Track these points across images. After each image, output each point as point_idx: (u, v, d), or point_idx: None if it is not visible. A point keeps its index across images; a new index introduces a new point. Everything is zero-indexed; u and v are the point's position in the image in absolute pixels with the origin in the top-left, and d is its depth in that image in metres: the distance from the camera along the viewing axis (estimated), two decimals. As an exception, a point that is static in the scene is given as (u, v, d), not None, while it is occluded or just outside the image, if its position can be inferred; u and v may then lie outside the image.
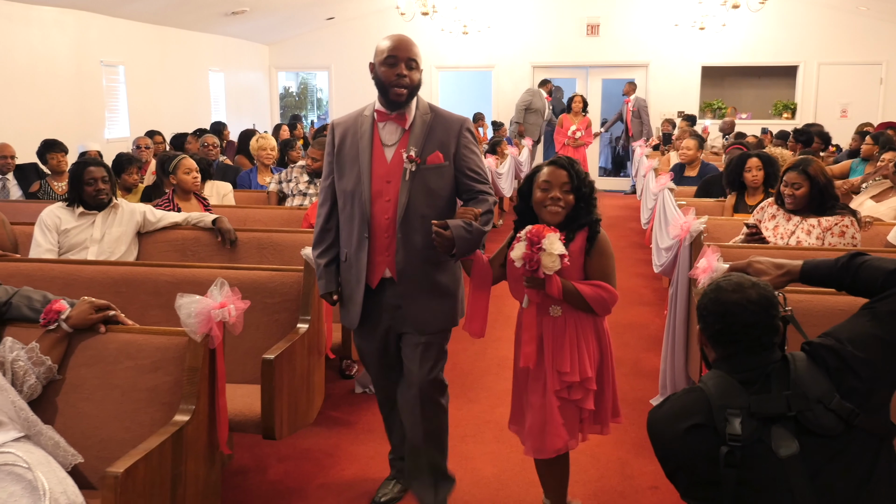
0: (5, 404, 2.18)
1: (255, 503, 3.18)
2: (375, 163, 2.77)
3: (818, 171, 3.71)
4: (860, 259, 1.88)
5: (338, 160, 2.84)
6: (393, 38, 2.75)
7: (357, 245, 2.79)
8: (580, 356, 2.59)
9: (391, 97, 2.71)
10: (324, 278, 2.91)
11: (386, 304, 2.84)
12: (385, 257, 2.78)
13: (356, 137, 2.81)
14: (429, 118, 2.79)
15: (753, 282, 1.83)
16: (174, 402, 2.40)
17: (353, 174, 2.78)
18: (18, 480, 1.99)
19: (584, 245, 2.62)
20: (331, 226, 2.90)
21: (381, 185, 2.75)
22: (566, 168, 2.64)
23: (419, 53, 2.77)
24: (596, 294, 2.57)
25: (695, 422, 1.74)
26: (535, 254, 2.44)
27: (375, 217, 2.76)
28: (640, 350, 4.96)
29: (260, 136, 6.56)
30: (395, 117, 2.77)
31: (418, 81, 2.76)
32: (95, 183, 3.99)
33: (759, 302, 1.77)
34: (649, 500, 3.19)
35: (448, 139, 2.78)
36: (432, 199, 2.75)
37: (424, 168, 2.73)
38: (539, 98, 12.37)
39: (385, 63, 2.71)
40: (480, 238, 2.69)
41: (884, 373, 1.71)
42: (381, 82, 2.73)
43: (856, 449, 1.65)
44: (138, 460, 2.05)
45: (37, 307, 2.57)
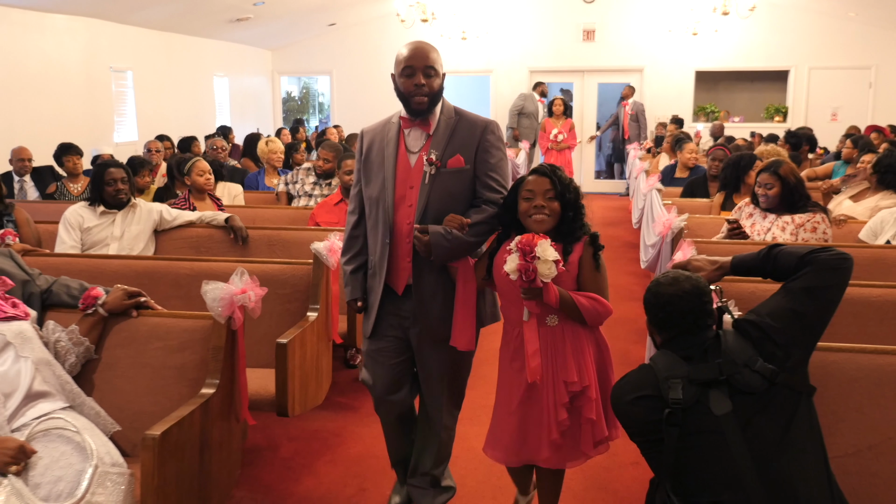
0: (52, 378, 2.46)
1: (269, 477, 3.47)
2: (400, 169, 2.76)
3: (788, 171, 3.99)
4: (777, 249, 2.18)
5: (365, 167, 2.85)
6: (409, 47, 2.75)
7: (380, 252, 2.78)
8: (585, 364, 2.55)
9: (413, 106, 2.72)
10: (349, 285, 2.92)
11: (408, 311, 2.82)
12: (407, 263, 2.76)
13: (382, 144, 2.81)
14: (453, 122, 2.77)
15: (686, 275, 2.16)
16: (199, 378, 2.67)
17: (379, 180, 2.78)
18: (68, 442, 2.26)
19: (583, 258, 2.58)
20: (358, 233, 2.91)
21: (404, 190, 2.75)
22: (548, 175, 2.60)
23: (437, 59, 2.76)
24: (591, 305, 2.53)
25: (645, 393, 2.08)
26: (530, 263, 2.38)
27: (398, 223, 2.75)
28: (629, 342, 5.25)
29: (269, 140, 6.84)
30: (419, 123, 2.77)
31: (439, 87, 2.75)
32: (115, 183, 4.27)
33: (691, 292, 2.10)
34: (630, 474, 3.47)
35: (470, 142, 2.75)
36: (452, 203, 2.70)
37: (445, 171, 2.71)
38: (531, 101, 12.63)
39: (403, 74, 2.71)
40: (463, 248, 2.66)
41: (796, 338, 2.02)
42: (401, 93, 2.74)
43: (778, 402, 1.96)
44: (172, 425, 2.33)
45: (74, 294, 2.84)
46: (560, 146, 10.43)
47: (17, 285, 2.72)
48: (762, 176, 4.09)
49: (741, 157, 5.24)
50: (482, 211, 2.72)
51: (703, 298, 2.10)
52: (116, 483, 2.20)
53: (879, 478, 2.33)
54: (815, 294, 2.05)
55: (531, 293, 2.45)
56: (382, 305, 2.83)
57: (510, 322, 2.70)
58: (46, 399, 2.40)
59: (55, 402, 2.42)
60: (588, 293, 2.54)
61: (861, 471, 2.33)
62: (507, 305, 2.68)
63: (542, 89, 12.85)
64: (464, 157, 2.73)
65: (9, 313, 2.48)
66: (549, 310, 2.52)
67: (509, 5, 13.36)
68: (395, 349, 2.88)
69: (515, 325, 2.64)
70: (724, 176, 5.31)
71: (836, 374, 2.38)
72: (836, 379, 2.38)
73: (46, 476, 2.15)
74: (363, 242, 2.90)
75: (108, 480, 2.19)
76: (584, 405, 2.54)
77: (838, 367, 2.39)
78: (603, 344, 2.67)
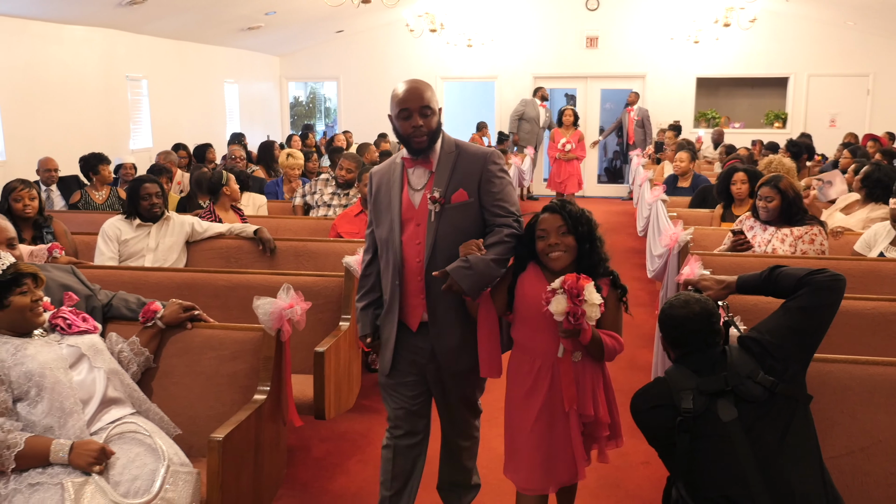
0: (121, 386, 2.71)
1: (304, 475, 3.72)
2: (405, 208, 2.78)
3: (787, 186, 4.25)
4: (778, 270, 2.44)
5: (374, 209, 2.88)
6: (404, 88, 2.73)
7: (391, 291, 2.81)
8: (598, 395, 2.64)
9: (413, 146, 2.74)
10: (360, 321, 2.96)
11: (424, 348, 2.84)
12: (420, 300, 2.79)
13: (389, 185, 2.84)
14: (453, 156, 2.78)
15: (697, 298, 2.41)
16: (250, 385, 2.92)
17: (387, 221, 2.80)
18: (141, 444, 2.51)
19: (608, 298, 2.60)
20: (370, 271, 2.94)
21: (411, 228, 2.77)
22: (558, 211, 2.63)
23: (433, 97, 2.75)
24: (612, 344, 2.60)
25: (660, 402, 2.34)
26: (579, 306, 2.40)
27: (408, 262, 2.77)
28: (635, 347, 5.50)
29: (290, 153, 7.06)
30: (421, 161, 2.79)
31: (437, 125, 2.76)
32: (150, 198, 4.52)
33: (701, 314, 2.35)
34: (641, 473, 3.73)
35: (472, 175, 2.76)
36: (461, 238, 2.70)
37: (450, 207, 2.73)
38: (532, 107, 12.87)
39: (400, 116, 2.72)
40: (489, 269, 2.63)
41: (793, 353, 2.29)
42: (400, 135, 2.77)
43: (778, 409, 2.22)
44: (233, 429, 2.58)
45: (133, 308, 3.09)
46: (568, 156, 10.37)
47: (80, 300, 2.96)
48: (763, 189, 4.34)
49: (729, 170, 5.55)
50: (496, 233, 2.72)
51: (712, 319, 2.35)
52: (186, 481, 2.45)
53: (871, 476, 2.58)
54: (810, 313, 2.31)
55: (572, 333, 2.49)
56: (398, 342, 2.86)
57: (529, 353, 2.70)
58: (118, 405, 2.66)
59: (125, 407, 2.68)
60: (608, 332, 2.61)
61: (854, 470, 2.59)
62: (530, 337, 2.68)
63: (543, 93, 13.08)
64: (467, 191, 2.75)
65: (81, 327, 2.72)
66: (577, 346, 2.58)
67: (514, 13, 13.63)
68: (412, 385, 2.91)
69: (535, 356, 2.67)
70: (718, 189, 5.62)
71: (831, 383, 2.63)
72: (831, 387, 2.63)
73: (125, 475, 2.39)
74: (374, 280, 2.92)
75: (179, 479, 2.44)
76: (597, 429, 2.67)
77: (833, 377, 2.64)
78: (609, 378, 2.76)
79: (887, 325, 3.42)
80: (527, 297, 2.65)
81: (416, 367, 2.89)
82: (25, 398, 2.49)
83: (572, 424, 2.62)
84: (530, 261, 2.70)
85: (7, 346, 2.52)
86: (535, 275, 2.68)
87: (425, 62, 13.82)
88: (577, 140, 10.30)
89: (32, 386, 2.48)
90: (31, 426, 2.46)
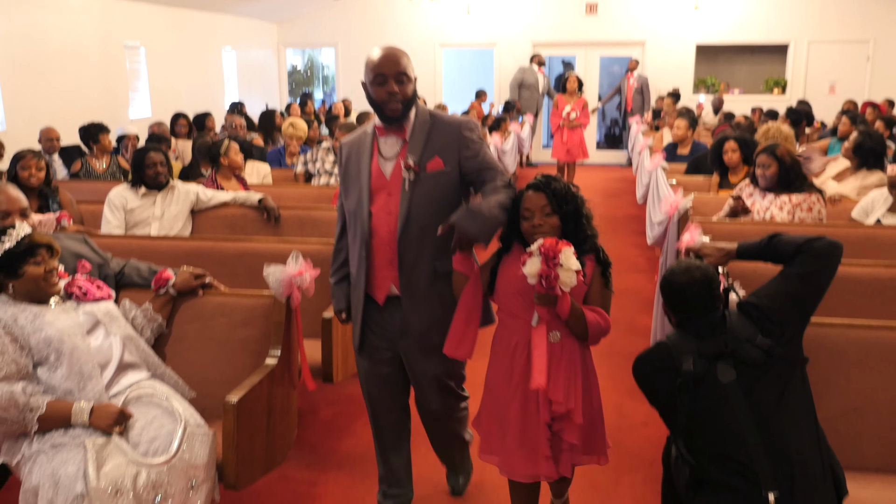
0: (136, 351, 2.78)
1: (313, 437, 3.82)
2: (374, 177, 2.71)
3: (784, 152, 4.30)
4: (777, 238, 2.50)
5: (344, 180, 2.82)
6: (379, 54, 2.65)
7: (358, 263, 2.76)
8: (574, 386, 2.51)
9: (387, 114, 2.66)
10: (334, 296, 2.94)
11: (393, 323, 2.79)
12: (389, 272, 2.73)
13: (358, 155, 2.77)
14: (428, 125, 2.71)
15: (698, 265, 2.47)
16: (261, 350, 3.00)
17: (356, 192, 2.74)
18: (158, 406, 2.59)
19: (594, 274, 2.54)
20: (342, 245, 2.90)
21: (381, 198, 2.70)
22: (542, 189, 2.52)
23: (409, 64, 2.66)
24: (596, 321, 2.48)
25: (661, 365, 2.40)
26: (552, 269, 2.31)
27: (377, 232, 2.70)
28: (635, 312, 5.59)
29: (291, 121, 7.08)
30: (394, 130, 2.71)
31: (412, 93, 2.68)
32: (155, 166, 4.56)
33: (702, 280, 2.40)
34: (640, 433, 3.83)
35: (448, 145, 2.69)
36: (435, 208, 2.65)
37: (425, 176, 2.66)
38: (530, 73, 12.83)
39: (375, 82, 2.64)
40: (494, 211, 2.51)
41: (790, 317, 2.35)
42: (374, 101, 2.68)
43: (775, 371, 2.29)
44: (246, 392, 2.66)
45: (144, 275, 3.16)
46: (572, 124, 10.10)
47: (94, 268, 3.03)
48: (760, 157, 4.40)
49: (720, 139, 5.61)
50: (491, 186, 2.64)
51: (712, 285, 2.41)
52: (202, 442, 2.53)
53: (864, 435, 2.68)
54: (808, 279, 2.39)
55: (546, 300, 2.40)
56: (366, 318, 2.82)
57: (509, 329, 2.61)
58: (134, 369, 2.74)
59: (141, 372, 2.76)
60: (594, 307, 2.52)
61: (848, 429, 2.68)
62: (510, 313, 2.60)
63: (539, 59, 13.00)
64: (443, 160, 2.67)
65: (96, 295, 2.79)
66: (556, 323, 2.49)
67: (513, -21, 13.54)
68: (387, 361, 2.87)
69: (514, 332, 2.58)
70: (711, 158, 5.68)
71: (827, 346, 2.71)
72: (827, 350, 2.71)
73: (143, 436, 2.48)
74: (347, 254, 2.88)
75: (196, 439, 2.52)
76: (567, 429, 2.51)
77: (830, 340, 2.72)
78: (592, 370, 2.62)
79: (883, 290, 3.49)
80: (508, 275, 2.58)
81: (387, 343, 2.83)
82: (45, 363, 2.56)
83: (541, 410, 2.49)
84: (515, 242, 2.62)
85: (26, 314, 2.59)
86: (518, 254, 2.56)
87: (424, 29, 13.75)
88: (581, 107, 10.10)
89: (52, 351, 2.55)
90: (51, 390, 2.54)
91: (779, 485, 2.16)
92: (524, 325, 2.55)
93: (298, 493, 3.37)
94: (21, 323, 2.56)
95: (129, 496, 2.34)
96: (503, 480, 2.79)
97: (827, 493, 2.21)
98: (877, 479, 2.58)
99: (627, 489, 3.39)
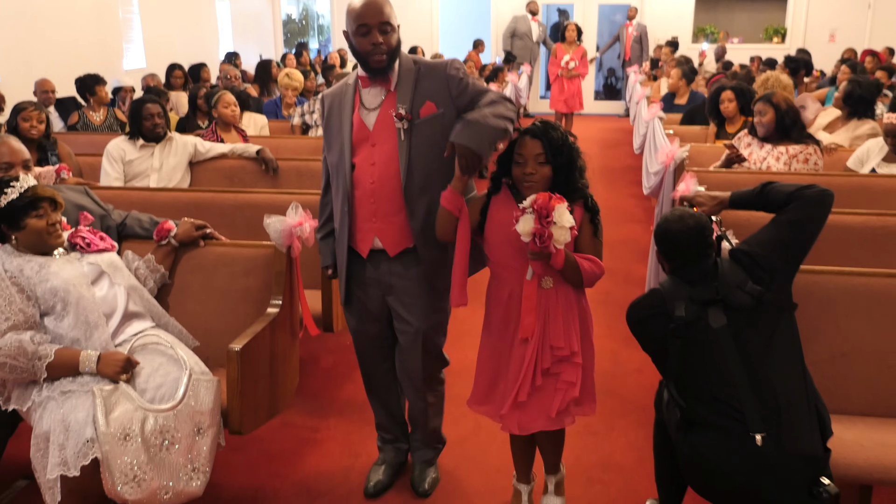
0: (140, 301, 2.84)
1: (314, 384, 3.91)
2: (356, 129, 2.68)
3: (780, 100, 4.30)
4: (770, 186, 2.54)
5: (326, 133, 2.80)
6: (361, 3, 2.58)
7: (341, 217, 2.75)
8: (571, 329, 2.54)
9: (372, 65, 2.60)
10: (322, 252, 2.93)
11: (379, 277, 2.78)
12: (373, 224, 2.70)
13: (340, 107, 2.72)
14: (413, 72, 2.66)
15: (690, 213, 2.51)
16: (263, 299, 3.05)
17: (337, 145, 2.72)
18: (163, 354, 2.65)
19: (583, 221, 2.53)
20: (327, 199, 2.89)
21: (364, 149, 2.67)
22: (539, 137, 2.49)
23: (392, 13, 2.61)
24: (590, 268, 2.49)
25: (654, 311, 2.45)
26: (546, 228, 2.31)
27: (360, 183, 2.68)
28: (631, 262, 5.66)
29: (288, 72, 7.04)
30: (379, 81, 2.65)
31: (397, 43, 2.62)
32: (153, 118, 4.57)
33: (695, 228, 2.44)
34: (635, 379, 3.93)
35: (438, 86, 2.64)
36: (436, 152, 2.60)
37: (420, 122, 2.62)
38: (524, 22, 12.66)
39: (358, 33, 2.58)
40: (490, 121, 2.50)
41: (780, 264, 2.40)
42: (357, 53, 2.62)
43: (765, 317, 2.35)
44: (249, 340, 2.72)
45: (146, 227, 3.20)
46: (570, 73, 9.96)
47: (96, 219, 3.06)
48: (757, 105, 4.41)
49: (717, 89, 5.61)
50: (487, 100, 2.62)
51: (705, 233, 2.45)
52: (207, 388, 2.60)
53: (850, 379, 2.75)
54: (798, 226, 2.43)
55: (539, 255, 2.40)
56: (350, 272, 2.82)
57: (500, 279, 2.62)
58: (139, 319, 2.79)
59: (145, 321, 2.82)
60: (586, 255, 2.52)
61: (835, 374, 2.75)
62: (502, 264, 2.59)
63: (532, 7, 12.82)
64: (435, 103, 2.63)
65: (100, 246, 2.83)
66: (549, 271, 2.49)
67: (511, -76, 13.30)
68: (374, 322, 2.89)
69: (505, 283, 2.58)
70: (708, 108, 5.69)
71: (816, 293, 2.77)
72: (816, 297, 2.77)
73: (150, 383, 2.55)
74: (332, 208, 2.86)
75: (201, 386, 2.59)
76: (566, 370, 2.52)
77: (819, 287, 2.78)
78: (587, 312, 2.63)
79: (874, 238, 3.55)
80: (497, 221, 2.56)
81: (373, 298, 2.83)
82: (52, 312, 2.62)
83: (527, 354, 2.50)
84: (505, 183, 2.61)
85: (31, 265, 2.63)
86: (507, 198, 2.57)
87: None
88: (580, 56, 9.99)
89: (58, 301, 2.60)
90: (58, 339, 2.60)
91: (766, 426, 2.24)
92: (517, 275, 2.54)
93: (301, 438, 3.46)
94: (27, 274, 2.61)
95: (138, 441, 2.41)
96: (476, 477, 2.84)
97: (812, 434, 2.29)
98: (861, 421, 2.66)
99: (621, 433, 3.48)
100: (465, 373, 3.96)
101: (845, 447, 2.44)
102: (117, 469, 2.36)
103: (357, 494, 3.05)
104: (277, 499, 3.04)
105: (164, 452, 2.46)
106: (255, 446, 3.37)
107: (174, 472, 2.47)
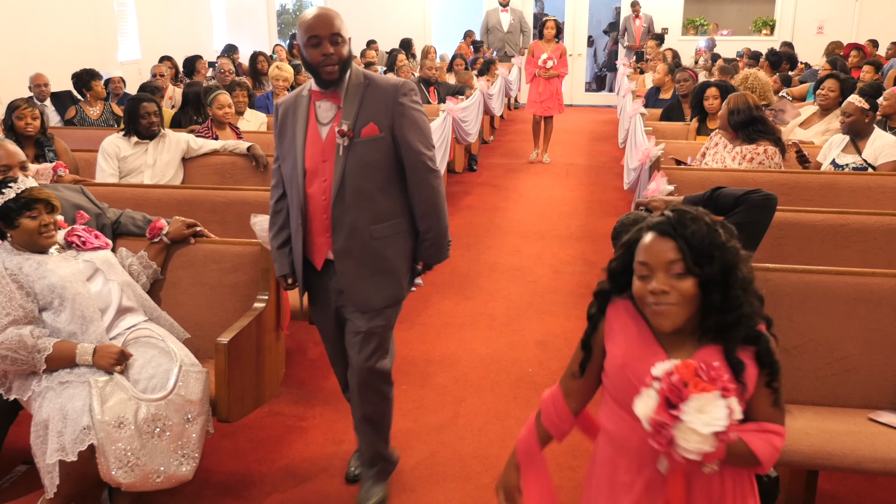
0: (133, 296, 3.00)
1: (301, 374, 4.08)
2: (310, 143, 2.70)
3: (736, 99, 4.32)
4: (720, 191, 2.70)
5: (279, 144, 2.81)
6: (312, 15, 2.63)
7: (296, 229, 2.77)
8: None
9: (323, 77, 2.63)
10: (277, 261, 2.89)
11: (332, 286, 2.80)
12: (326, 238, 2.73)
13: (294, 119, 2.74)
14: (362, 88, 2.68)
15: (644, 216, 2.62)
16: (250, 294, 3.22)
17: (291, 157, 2.73)
18: (155, 347, 2.82)
19: (756, 381, 1.73)
20: (280, 207, 2.86)
21: (316, 164, 2.69)
22: (671, 235, 1.69)
23: (342, 25, 2.64)
24: (767, 445, 1.69)
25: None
26: (670, 424, 1.56)
27: (312, 198, 2.70)
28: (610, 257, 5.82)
29: (278, 65, 7.16)
30: (330, 94, 2.68)
31: (347, 54, 2.65)
32: (148, 116, 4.72)
33: None
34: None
35: (384, 109, 2.66)
36: (369, 173, 2.65)
37: (359, 141, 2.64)
38: (493, 15, 12.59)
39: (309, 44, 2.61)
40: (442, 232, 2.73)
41: None
42: (309, 64, 2.64)
43: None
44: (237, 333, 2.89)
45: (139, 224, 3.36)
46: (549, 74, 9.03)
47: (91, 218, 3.22)
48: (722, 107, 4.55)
49: (701, 86, 5.77)
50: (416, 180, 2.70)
51: None
52: (197, 379, 2.77)
53: (801, 371, 2.93)
54: (744, 228, 2.57)
55: None
56: (307, 282, 2.85)
57: (625, 451, 1.81)
58: (132, 313, 2.96)
59: (138, 315, 2.98)
60: (760, 425, 1.72)
61: (786, 365, 2.84)
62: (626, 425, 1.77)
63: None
64: (378, 125, 2.65)
65: (94, 244, 3.00)
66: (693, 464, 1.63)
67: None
68: (332, 328, 2.92)
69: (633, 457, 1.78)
70: (692, 104, 5.85)
71: (770, 290, 2.91)
72: (769, 293, 2.85)
73: (142, 374, 2.72)
74: (285, 217, 2.85)
75: (190, 377, 2.76)
76: None
77: (772, 283, 2.95)
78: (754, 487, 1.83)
79: (835, 235, 3.72)
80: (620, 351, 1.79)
81: (328, 305, 2.86)
82: (50, 308, 2.78)
83: None
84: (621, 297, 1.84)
85: (30, 262, 2.80)
86: (628, 315, 1.82)
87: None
88: (560, 55, 9.10)
89: (55, 297, 2.77)
90: (56, 333, 2.77)
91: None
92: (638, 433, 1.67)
93: (287, 426, 3.64)
94: (26, 271, 2.77)
95: (131, 428, 2.59)
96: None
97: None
98: (810, 410, 2.83)
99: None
100: (446, 363, 4.15)
101: (791, 434, 2.56)
102: (112, 454, 2.54)
103: (339, 479, 3.22)
104: (264, 483, 3.21)
105: (156, 439, 2.63)
106: (243, 434, 3.55)
107: (165, 457, 2.65)
